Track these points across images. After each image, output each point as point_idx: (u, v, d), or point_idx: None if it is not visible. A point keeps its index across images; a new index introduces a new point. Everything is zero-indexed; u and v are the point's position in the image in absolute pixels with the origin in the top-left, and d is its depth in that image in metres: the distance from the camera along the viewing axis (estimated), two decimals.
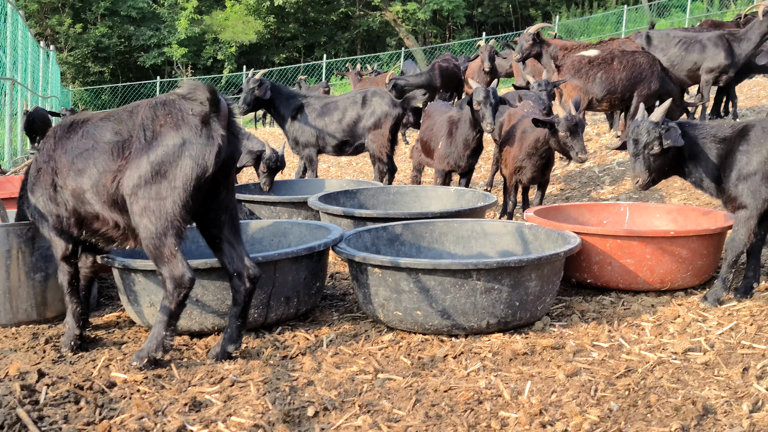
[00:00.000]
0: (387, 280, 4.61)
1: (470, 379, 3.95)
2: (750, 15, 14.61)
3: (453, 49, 34.43)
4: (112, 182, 4.00)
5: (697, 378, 3.89)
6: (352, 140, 9.17)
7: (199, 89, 3.97)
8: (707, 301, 5.01)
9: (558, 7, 41.46)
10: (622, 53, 10.71)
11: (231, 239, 4.29)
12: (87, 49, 34.90)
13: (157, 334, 4.07)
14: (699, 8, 33.36)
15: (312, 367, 4.17)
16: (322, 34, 40.52)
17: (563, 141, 6.63)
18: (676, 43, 11.86)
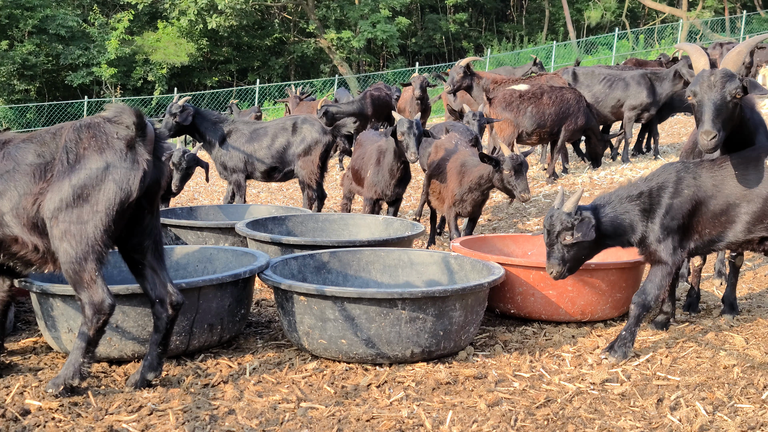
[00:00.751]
0: (312, 308, 4.60)
1: (393, 409, 3.96)
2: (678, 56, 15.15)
3: (386, 77, 34.71)
4: (32, 205, 3.91)
5: (613, 408, 3.98)
6: (281, 166, 9.15)
7: (126, 113, 3.93)
8: (615, 354, 4.72)
9: (490, 41, 42.23)
10: (551, 89, 10.98)
11: (154, 265, 4.23)
12: (13, 67, 34.07)
13: (74, 361, 3.98)
14: (625, 46, 34.38)
15: (234, 396, 4.13)
16: (255, 58, 40.40)
17: (507, 180, 6.76)
18: (600, 80, 12.23)
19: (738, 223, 4.71)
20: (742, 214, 4.69)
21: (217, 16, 35.52)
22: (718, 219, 4.74)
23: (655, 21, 40.69)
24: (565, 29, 40.00)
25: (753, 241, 4.78)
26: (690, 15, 36.92)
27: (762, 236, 4.74)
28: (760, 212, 4.66)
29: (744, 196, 4.67)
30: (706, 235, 4.80)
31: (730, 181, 4.69)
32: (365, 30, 36.77)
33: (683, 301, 5.95)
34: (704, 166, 4.82)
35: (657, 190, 4.81)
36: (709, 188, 4.73)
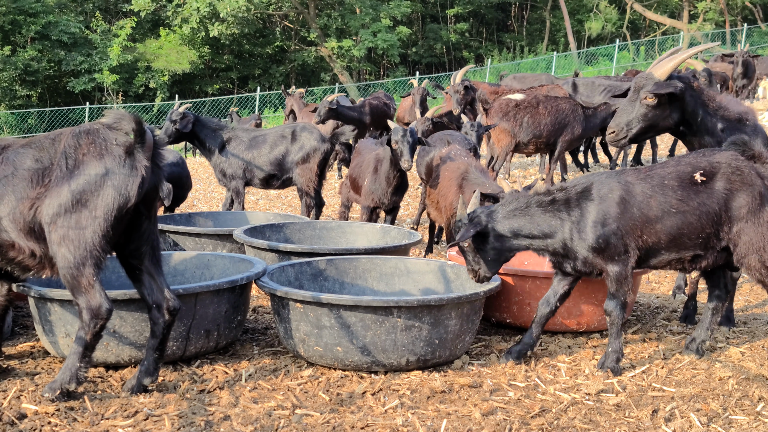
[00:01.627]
0: (308, 315, 4.61)
1: (387, 416, 3.97)
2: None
3: (387, 86, 34.79)
4: (29, 210, 3.93)
5: (608, 419, 3.99)
6: (280, 174, 9.17)
7: (125, 119, 3.95)
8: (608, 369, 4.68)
9: (490, 51, 42.32)
10: (546, 98, 11.02)
11: (152, 270, 4.25)
12: (15, 72, 34.14)
13: (71, 365, 3.99)
14: (625, 57, 34.47)
15: (229, 402, 4.14)
16: (256, 66, 40.48)
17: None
18: (600, 91, 12.27)
19: (667, 236, 4.61)
20: (669, 227, 4.59)
21: (219, 24, 35.61)
22: (652, 227, 4.60)
23: (656, 33, 40.80)
24: (566, 40, 40.10)
25: (685, 259, 4.71)
26: (691, 27, 37.02)
27: (695, 254, 4.68)
28: (690, 227, 4.58)
29: (670, 209, 4.58)
30: (645, 243, 4.63)
31: (659, 190, 4.62)
32: (366, 39, 36.86)
33: (680, 313, 5.96)
34: (631, 173, 4.76)
35: (577, 197, 4.67)
36: (638, 194, 4.61)
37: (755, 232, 4.53)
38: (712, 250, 4.66)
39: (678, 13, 41.21)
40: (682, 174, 4.64)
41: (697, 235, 4.60)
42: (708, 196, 4.58)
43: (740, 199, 4.56)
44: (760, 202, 4.56)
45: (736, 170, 4.59)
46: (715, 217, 4.57)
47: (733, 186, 4.57)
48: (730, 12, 38.76)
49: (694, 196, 4.58)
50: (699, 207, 4.57)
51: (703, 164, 4.63)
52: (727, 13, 38.14)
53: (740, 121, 5.19)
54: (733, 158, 4.63)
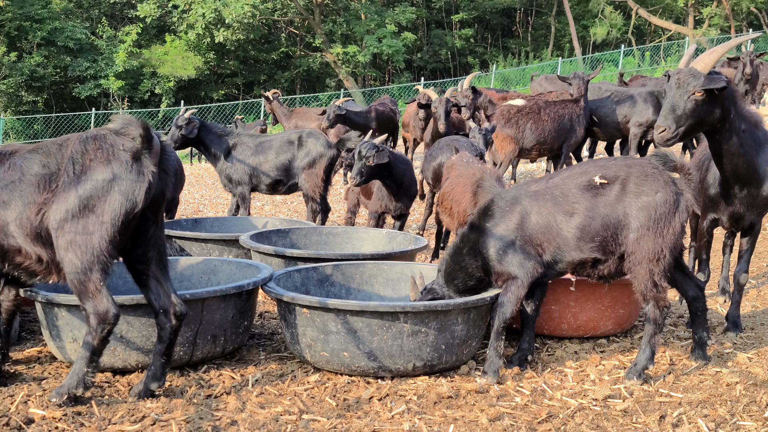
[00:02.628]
0: (315, 320, 4.62)
1: (394, 422, 3.97)
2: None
3: (392, 92, 34.81)
4: (36, 215, 3.94)
5: (615, 425, 3.98)
6: (285, 179, 9.19)
7: (132, 125, 3.96)
8: (487, 375, 4.61)
9: (495, 57, 42.33)
10: (547, 104, 11.03)
11: (158, 275, 4.26)
12: (21, 78, 34.26)
13: (78, 370, 4.00)
14: (631, 63, 34.43)
15: (236, 407, 4.14)
16: (262, 72, 40.54)
17: None
18: (607, 97, 12.24)
19: (568, 240, 4.62)
20: (569, 230, 4.62)
21: (225, 29, 35.69)
22: (549, 233, 4.66)
23: (661, 38, 40.77)
24: (571, 46, 40.08)
25: (587, 263, 4.68)
26: (696, 33, 36.98)
27: (594, 258, 4.64)
28: (586, 229, 4.58)
29: (568, 211, 4.62)
30: (547, 252, 4.69)
31: (557, 194, 4.67)
32: (371, 45, 36.90)
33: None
34: (532, 182, 4.87)
35: (479, 218, 4.87)
36: (530, 202, 4.72)
37: (653, 242, 4.46)
38: (612, 255, 4.61)
39: (683, 18, 41.17)
40: (582, 180, 4.66)
41: (592, 239, 4.58)
42: (613, 199, 4.56)
43: (642, 207, 4.50)
44: (667, 212, 4.48)
45: (645, 177, 4.54)
46: (616, 221, 4.54)
47: (640, 191, 4.52)
48: (735, 17, 38.73)
49: (592, 200, 4.59)
50: (598, 210, 4.56)
51: (613, 168, 4.62)
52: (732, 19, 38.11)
53: (756, 125, 5.18)
54: (648, 164, 4.59)
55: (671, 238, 4.48)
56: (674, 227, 4.49)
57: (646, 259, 4.46)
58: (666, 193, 4.50)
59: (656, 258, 4.45)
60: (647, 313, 4.59)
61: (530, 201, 4.74)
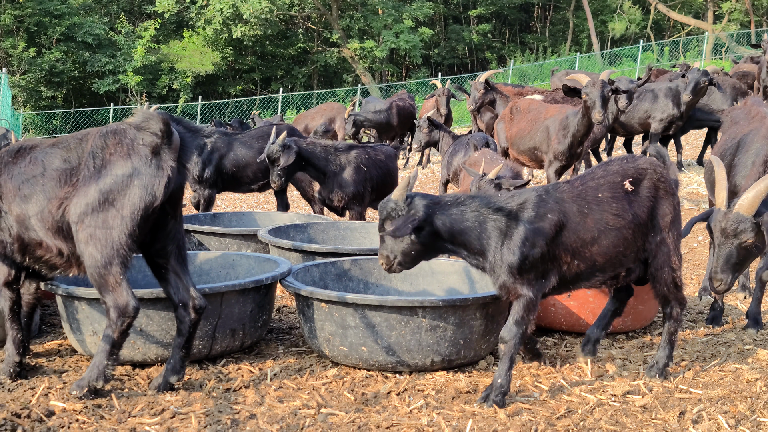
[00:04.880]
0: (333, 315, 4.62)
1: (413, 416, 3.97)
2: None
3: (409, 87, 34.75)
4: (57, 209, 3.97)
5: (635, 421, 3.96)
6: (261, 176, 8.93)
7: (153, 119, 3.98)
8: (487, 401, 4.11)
9: (513, 52, 42.19)
10: (564, 99, 11.00)
11: (177, 269, 4.28)
12: (40, 74, 34.47)
13: (98, 363, 4.02)
14: (649, 58, 34.20)
15: (255, 401, 4.15)
16: (279, 67, 40.59)
17: None
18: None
19: (603, 254, 4.26)
20: (606, 243, 4.24)
21: (242, 25, 35.75)
22: (587, 249, 4.22)
23: (680, 33, 40.50)
24: (589, 41, 39.89)
25: (619, 276, 4.45)
26: (716, 28, 36.71)
27: (629, 268, 4.45)
28: (624, 242, 4.28)
29: (606, 223, 4.23)
30: (573, 267, 4.25)
31: (594, 207, 4.26)
32: (388, 40, 36.85)
33: (707, 314, 5.92)
34: (565, 189, 4.33)
35: (516, 211, 4.16)
36: (574, 213, 4.22)
37: (672, 244, 4.41)
38: (640, 262, 4.45)
39: (702, 13, 40.89)
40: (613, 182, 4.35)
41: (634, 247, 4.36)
42: (637, 204, 4.33)
43: (664, 208, 4.40)
44: (677, 212, 4.46)
45: (662, 177, 4.42)
46: (644, 225, 4.35)
47: (659, 194, 4.39)
48: (755, 12, 38.42)
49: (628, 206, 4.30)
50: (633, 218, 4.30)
51: (630, 170, 4.39)
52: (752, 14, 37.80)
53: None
54: (657, 165, 4.47)
55: (679, 238, 4.49)
56: (679, 228, 4.50)
57: (668, 262, 4.41)
58: (675, 193, 4.48)
59: (676, 259, 4.44)
60: (668, 312, 4.55)
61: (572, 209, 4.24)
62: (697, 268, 7.71)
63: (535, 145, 9.31)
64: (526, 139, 9.41)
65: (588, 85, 8.00)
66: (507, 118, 10.02)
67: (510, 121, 9.85)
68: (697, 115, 12.12)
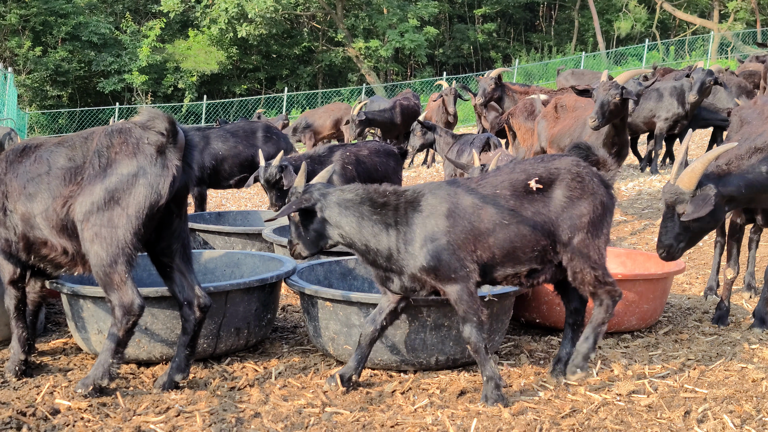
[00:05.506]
0: (338, 313, 4.62)
1: (417, 415, 3.97)
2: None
3: (414, 87, 34.75)
4: (62, 207, 3.97)
5: (640, 420, 3.95)
6: (237, 171, 8.91)
7: (159, 119, 3.98)
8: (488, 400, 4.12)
9: (518, 51, 42.16)
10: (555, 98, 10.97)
11: (182, 268, 4.28)
12: (46, 73, 34.54)
13: (103, 362, 4.03)
14: (655, 58, 34.15)
15: (259, 399, 4.16)
16: (284, 67, 40.60)
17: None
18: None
19: (498, 250, 4.14)
20: (501, 240, 4.13)
21: (247, 24, 35.78)
22: (480, 243, 4.13)
23: (686, 32, 40.43)
24: (595, 40, 39.85)
25: (521, 274, 4.25)
26: (721, 27, 36.64)
27: (531, 268, 4.24)
28: (521, 239, 4.14)
29: (502, 219, 4.13)
30: (482, 259, 4.14)
31: (490, 202, 4.17)
32: (393, 39, 36.85)
33: (712, 314, 5.90)
34: (462, 183, 4.31)
35: (404, 204, 4.20)
36: (468, 205, 4.15)
37: (593, 244, 4.19)
38: (550, 263, 4.26)
39: (708, 12, 40.80)
40: (516, 182, 4.23)
41: (532, 248, 4.17)
42: (545, 204, 4.17)
43: (581, 208, 4.17)
44: (602, 212, 4.21)
45: (577, 177, 4.20)
46: (552, 227, 4.16)
47: (573, 194, 4.18)
48: (761, 11, 38.30)
49: (528, 206, 4.17)
50: (534, 217, 4.15)
51: (540, 170, 4.24)
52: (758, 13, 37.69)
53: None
54: (573, 164, 4.26)
55: (606, 238, 4.27)
56: (608, 226, 4.29)
57: (589, 264, 4.17)
58: (600, 192, 4.22)
59: (598, 259, 4.20)
60: (597, 303, 4.29)
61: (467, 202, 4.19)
62: (703, 268, 7.69)
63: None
64: (566, 136, 8.88)
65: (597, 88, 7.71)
66: (551, 115, 9.47)
67: (554, 119, 9.34)
68: (703, 114, 12.09)
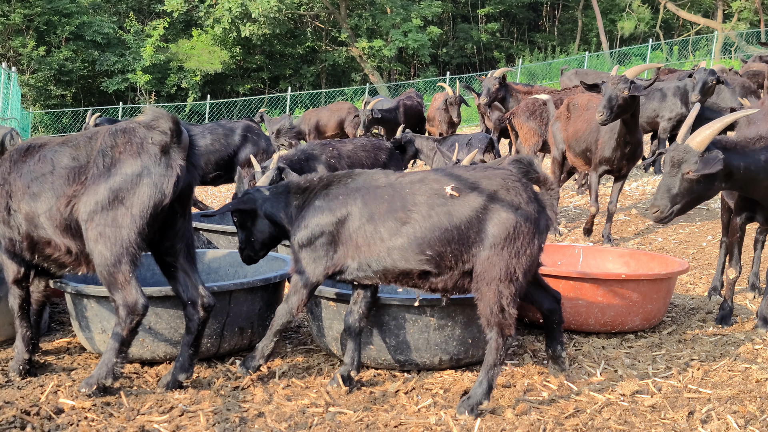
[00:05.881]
0: (342, 313, 4.62)
1: (421, 415, 3.97)
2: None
3: (417, 86, 34.75)
4: (66, 207, 3.98)
5: (643, 420, 3.95)
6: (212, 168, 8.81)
7: (163, 118, 3.98)
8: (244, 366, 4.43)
9: (521, 51, 42.13)
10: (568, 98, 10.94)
11: (186, 267, 4.28)
12: (50, 72, 34.60)
13: (107, 361, 4.03)
14: (658, 57, 34.13)
15: (263, 399, 4.16)
16: (287, 66, 40.62)
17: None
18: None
19: (390, 248, 4.09)
20: (399, 242, 4.08)
21: (251, 24, 35.79)
22: (371, 237, 4.12)
23: (689, 32, 40.37)
24: (598, 40, 39.81)
25: (413, 274, 4.13)
26: (725, 27, 36.58)
27: (423, 270, 4.10)
28: (417, 243, 4.04)
29: (400, 216, 4.08)
30: (373, 258, 4.14)
31: (400, 197, 4.13)
32: (397, 39, 36.85)
33: (716, 314, 5.90)
34: (389, 175, 4.30)
35: (309, 189, 4.37)
36: (359, 201, 4.19)
37: (507, 263, 3.95)
38: (450, 270, 4.08)
39: (712, 12, 40.74)
40: (434, 183, 4.14)
41: (423, 251, 4.05)
42: (456, 211, 4.02)
43: (496, 222, 3.98)
44: (525, 231, 3.98)
45: (502, 190, 4.04)
46: (458, 235, 4.01)
47: (491, 206, 4.00)
48: (765, 11, 38.25)
49: (437, 209, 4.05)
50: (439, 221, 4.02)
51: (465, 177, 4.12)
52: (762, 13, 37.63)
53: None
54: (502, 176, 4.09)
55: (527, 260, 4.00)
56: (532, 248, 4.01)
57: (496, 281, 3.95)
58: (527, 210, 4.02)
59: (508, 280, 3.95)
60: (489, 341, 4.03)
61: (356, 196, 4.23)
62: (707, 268, 7.68)
63: (587, 146, 8.50)
64: (581, 139, 8.60)
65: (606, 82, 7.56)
66: (563, 116, 9.21)
67: (566, 120, 9.07)
68: (706, 114, 12.05)
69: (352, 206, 4.19)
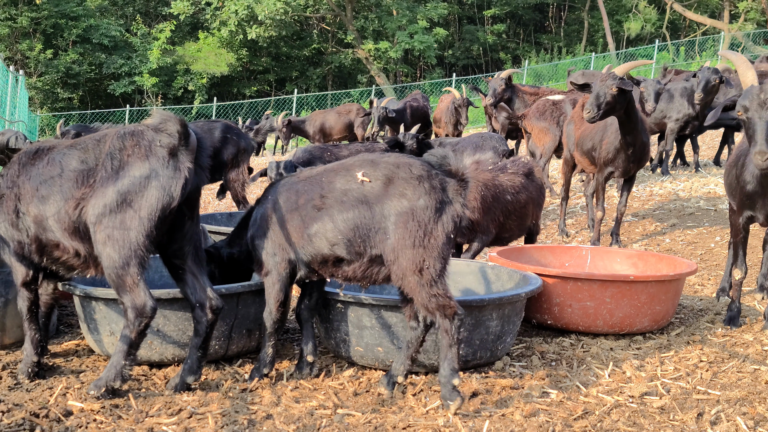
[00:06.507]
0: (349, 315, 4.62)
1: (429, 417, 3.96)
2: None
3: (423, 88, 34.78)
4: (74, 210, 3.98)
5: (652, 422, 3.94)
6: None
7: (171, 121, 3.98)
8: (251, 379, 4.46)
9: (527, 52, 42.12)
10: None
11: (194, 270, 4.29)
12: (57, 75, 34.76)
13: (116, 363, 4.04)
14: (665, 58, 34.06)
15: (271, 401, 4.16)
16: (294, 68, 40.71)
17: None
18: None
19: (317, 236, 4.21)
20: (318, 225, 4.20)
21: (257, 26, 35.88)
22: (301, 230, 4.26)
23: (696, 33, 40.30)
24: (604, 41, 39.79)
25: (328, 260, 4.24)
26: (732, 27, 36.52)
27: (337, 257, 4.19)
28: (332, 228, 4.15)
29: (317, 206, 4.22)
30: (301, 247, 4.28)
31: (317, 190, 4.26)
32: (403, 41, 36.89)
33: (724, 315, 5.88)
34: (303, 174, 4.48)
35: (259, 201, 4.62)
36: (292, 195, 4.35)
37: (414, 252, 3.97)
38: (360, 257, 4.16)
39: (719, 13, 40.68)
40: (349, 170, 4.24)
41: (335, 236, 4.16)
42: (366, 197, 4.11)
43: (403, 212, 4.01)
44: (427, 221, 3.98)
45: (410, 179, 4.04)
46: (368, 220, 4.08)
47: (401, 194, 4.02)
48: None
49: (350, 195, 4.15)
50: (351, 206, 4.12)
51: (377, 163, 4.18)
52: None
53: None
54: (418, 166, 4.10)
55: (434, 249, 3.98)
56: (436, 237, 3.99)
57: (409, 271, 3.98)
58: (428, 199, 4.01)
59: (419, 269, 3.96)
60: (437, 325, 4.04)
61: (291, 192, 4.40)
62: (715, 269, 7.67)
63: (593, 146, 8.42)
64: (587, 139, 8.53)
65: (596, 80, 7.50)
66: (578, 116, 9.03)
67: (581, 120, 8.84)
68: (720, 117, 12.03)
69: (279, 202, 4.41)
